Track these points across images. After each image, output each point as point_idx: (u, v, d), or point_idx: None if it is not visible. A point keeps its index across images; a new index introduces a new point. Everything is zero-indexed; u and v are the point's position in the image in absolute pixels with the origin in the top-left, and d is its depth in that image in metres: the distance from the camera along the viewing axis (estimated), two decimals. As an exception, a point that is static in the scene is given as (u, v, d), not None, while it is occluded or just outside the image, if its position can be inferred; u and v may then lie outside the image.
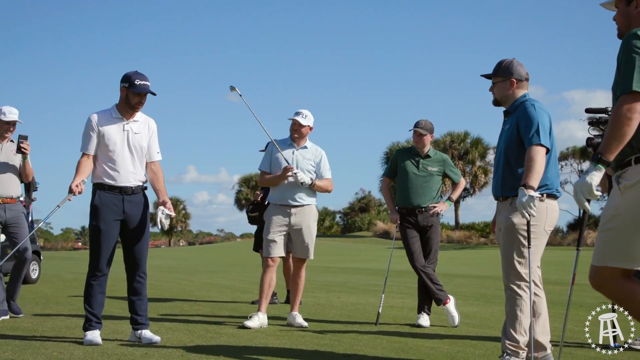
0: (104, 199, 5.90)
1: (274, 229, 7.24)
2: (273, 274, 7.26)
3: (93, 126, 5.93)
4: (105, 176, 5.92)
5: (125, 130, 5.99)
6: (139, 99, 5.93)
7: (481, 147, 57.09)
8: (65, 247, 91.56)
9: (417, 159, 7.47)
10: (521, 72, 4.96)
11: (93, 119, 5.95)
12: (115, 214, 5.91)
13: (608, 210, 3.57)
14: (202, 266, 23.99)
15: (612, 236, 3.47)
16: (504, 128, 5.01)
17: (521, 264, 4.73)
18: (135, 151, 6.03)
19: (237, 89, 7.09)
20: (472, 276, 17.66)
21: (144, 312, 6.05)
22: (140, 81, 5.88)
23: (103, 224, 5.88)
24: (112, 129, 5.95)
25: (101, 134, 5.91)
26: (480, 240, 52.56)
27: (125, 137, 5.98)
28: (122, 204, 5.93)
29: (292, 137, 7.34)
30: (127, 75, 5.93)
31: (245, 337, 6.30)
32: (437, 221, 7.49)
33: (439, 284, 7.35)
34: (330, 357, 5.33)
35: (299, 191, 7.23)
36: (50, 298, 10.27)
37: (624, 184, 3.51)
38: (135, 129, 6.04)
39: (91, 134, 5.93)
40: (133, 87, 5.86)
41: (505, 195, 4.89)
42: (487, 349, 5.79)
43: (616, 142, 3.42)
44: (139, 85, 5.87)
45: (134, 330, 6.01)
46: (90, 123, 5.94)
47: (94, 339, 5.72)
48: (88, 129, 5.95)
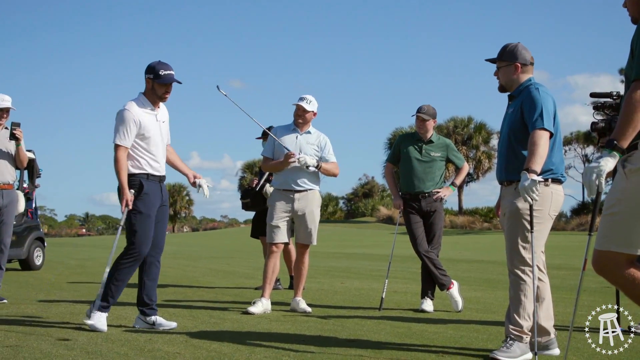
0: (149, 187, 5.92)
1: (278, 215, 7.23)
2: (277, 260, 7.26)
3: (135, 118, 5.84)
4: (148, 167, 5.95)
5: (158, 120, 6.04)
6: (165, 89, 5.93)
7: (485, 132, 56.99)
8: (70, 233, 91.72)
9: (420, 145, 7.45)
10: (526, 56, 4.92)
11: (132, 110, 5.86)
12: (158, 200, 6.02)
13: (613, 194, 3.54)
14: (206, 252, 24.04)
15: (616, 221, 3.45)
16: (507, 112, 4.99)
17: (525, 249, 4.72)
18: (164, 139, 6.13)
19: (221, 90, 7.07)
20: (475, 261, 17.67)
21: (155, 298, 6.10)
22: (165, 71, 5.88)
23: (152, 210, 5.94)
24: (149, 121, 5.95)
25: (141, 125, 5.88)
26: (483, 225, 52.57)
27: (159, 128, 6.04)
28: (161, 192, 6.04)
29: (296, 122, 7.32)
30: (151, 66, 5.91)
31: (249, 323, 6.32)
32: (440, 206, 7.48)
33: (443, 269, 7.35)
34: (334, 342, 5.34)
35: (303, 176, 7.22)
36: (54, 284, 10.31)
37: (629, 167, 3.48)
38: (162, 117, 6.11)
39: (132, 127, 5.83)
40: (158, 78, 5.87)
41: (509, 179, 4.87)
42: (491, 334, 5.79)
43: (631, 129, 3.38)
44: (164, 75, 5.87)
45: (144, 315, 5.99)
46: (130, 114, 5.83)
47: (99, 324, 5.72)
48: (129, 121, 5.82)
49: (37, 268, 13.53)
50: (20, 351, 4.78)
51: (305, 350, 4.94)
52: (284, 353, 4.82)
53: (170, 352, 4.80)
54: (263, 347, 5.03)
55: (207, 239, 48.19)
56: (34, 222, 13.64)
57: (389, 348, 5.11)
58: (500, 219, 5.08)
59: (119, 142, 5.83)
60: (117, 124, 5.86)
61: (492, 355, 4.65)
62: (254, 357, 4.68)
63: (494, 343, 5.31)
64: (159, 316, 6.00)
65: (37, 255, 13.60)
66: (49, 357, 4.61)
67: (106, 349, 4.93)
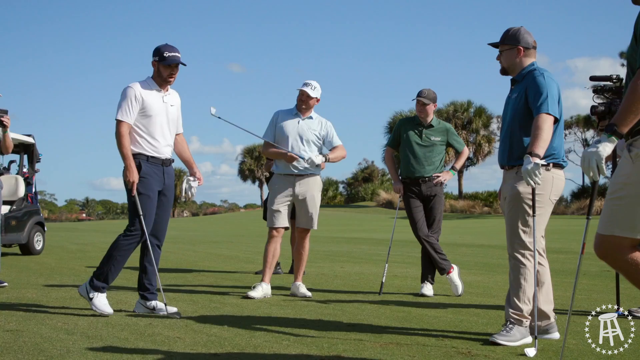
0: (148, 169, 5.89)
1: (279, 199, 7.23)
2: (277, 245, 7.26)
3: (137, 95, 5.83)
4: (148, 147, 5.91)
5: (165, 102, 6.01)
6: (170, 70, 5.92)
7: (485, 116, 56.94)
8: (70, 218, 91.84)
9: (420, 129, 7.43)
10: (528, 40, 4.89)
11: (135, 87, 5.86)
12: (158, 184, 5.97)
13: (618, 178, 3.52)
14: (206, 237, 24.06)
15: (621, 205, 3.42)
16: (510, 96, 4.97)
17: (526, 233, 4.71)
18: (171, 123, 6.08)
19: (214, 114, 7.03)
20: (475, 245, 17.68)
21: (156, 283, 6.09)
22: (170, 53, 5.88)
23: (151, 192, 5.90)
24: (153, 100, 5.92)
25: (144, 104, 5.86)
26: (483, 209, 52.64)
27: (165, 109, 6.00)
28: (163, 175, 6.00)
29: (299, 107, 7.29)
30: (157, 49, 5.94)
31: (249, 307, 6.33)
32: (440, 191, 7.47)
33: (443, 253, 7.36)
34: (334, 326, 5.35)
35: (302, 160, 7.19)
36: (55, 269, 10.32)
37: (635, 152, 3.45)
38: (171, 101, 6.08)
39: (134, 103, 5.82)
40: (163, 60, 5.87)
41: (511, 164, 4.87)
42: (491, 318, 5.80)
43: (632, 115, 3.35)
44: (168, 57, 5.87)
45: (145, 300, 6.00)
46: (132, 91, 5.83)
47: (103, 307, 5.73)
48: (130, 97, 5.82)
49: (37, 253, 13.55)
50: (21, 335, 4.79)
51: (305, 335, 4.95)
52: (284, 337, 4.83)
53: (170, 337, 4.81)
54: (263, 332, 5.04)
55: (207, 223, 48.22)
56: (34, 206, 13.64)
57: (389, 332, 5.12)
58: (501, 203, 5.08)
59: (119, 117, 5.81)
60: (119, 101, 5.87)
61: (492, 339, 4.66)
62: (254, 341, 4.69)
63: (493, 327, 5.32)
64: (158, 301, 6.00)
65: (37, 240, 13.61)
66: (49, 341, 4.62)
67: (106, 333, 4.94)
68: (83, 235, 25.00)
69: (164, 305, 5.90)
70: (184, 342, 4.64)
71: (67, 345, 4.51)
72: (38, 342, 4.60)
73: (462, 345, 4.65)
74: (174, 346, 4.53)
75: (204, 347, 4.53)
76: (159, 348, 4.47)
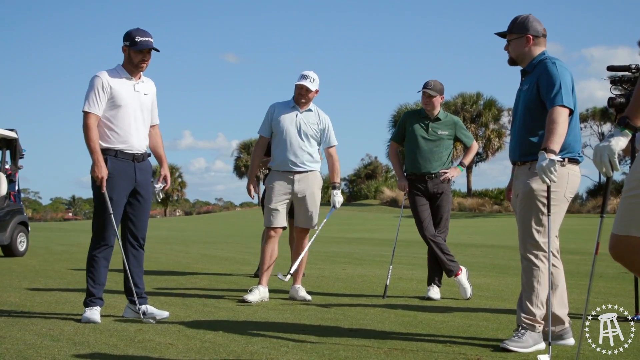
0: (116, 166, 5.76)
1: (277, 198, 7.23)
2: (275, 245, 7.26)
3: (104, 84, 5.74)
4: (118, 141, 5.80)
5: (137, 91, 5.90)
6: (142, 56, 5.82)
7: (495, 109, 56.93)
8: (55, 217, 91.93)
9: (426, 122, 7.42)
10: (537, 28, 4.88)
11: (102, 76, 5.76)
12: (128, 182, 5.85)
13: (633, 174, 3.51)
14: (200, 237, 24.08)
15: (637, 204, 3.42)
16: (521, 88, 4.96)
17: (539, 233, 4.71)
18: (145, 114, 5.98)
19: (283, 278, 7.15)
20: (485, 246, 17.70)
21: (143, 285, 6.06)
22: (141, 37, 5.78)
23: (116, 193, 5.77)
24: (123, 89, 5.81)
25: (112, 93, 5.75)
26: (493, 207, 52.63)
27: (137, 98, 5.89)
28: (134, 172, 5.87)
29: (298, 101, 7.29)
30: (128, 33, 5.83)
31: (245, 312, 6.33)
32: (447, 188, 7.46)
33: (450, 254, 7.36)
34: (336, 332, 5.35)
35: (302, 156, 7.20)
36: (39, 271, 10.32)
37: None
38: (144, 89, 5.98)
39: (101, 93, 5.72)
40: (134, 45, 5.77)
41: (523, 159, 4.86)
42: (501, 323, 5.80)
43: None
44: (140, 42, 5.77)
45: (133, 304, 5.97)
46: (99, 80, 5.74)
47: (92, 316, 5.70)
48: (97, 87, 5.72)
49: (20, 254, 13.54)
50: (3, 342, 4.79)
51: (305, 341, 4.95)
52: (282, 343, 4.83)
53: (162, 343, 4.82)
54: (260, 337, 5.04)
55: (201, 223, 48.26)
56: (17, 205, 13.63)
57: (393, 338, 5.12)
58: (512, 201, 5.07)
59: (86, 109, 5.70)
60: (87, 91, 5.77)
61: (503, 345, 4.66)
62: (250, 347, 4.69)
63: (504, 332, 5.32)
64: (149, 305, 5.99)
65: (20, 240, 13.60)
66: (33, 348, 4.62)
67: (94, 339, 4.94)
68: (69, 235, 25.00)
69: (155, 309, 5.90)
70: (177, 349, 4.64)
71: (53, 353, 4.51)
72: (22, 349, 4.60)
73: (471, 352, 4.65)
74: (166, 353, 4.54)
75: (198, 353, 4.53)
76: (150, 355, 4.48)
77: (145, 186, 5.97)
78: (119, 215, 5.86)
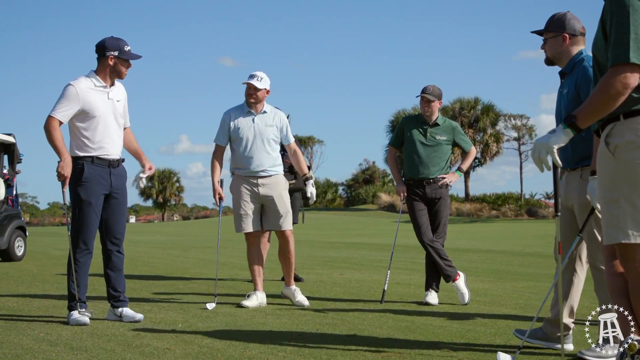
0: (92, 171, 5.90)
1: (244, 203, 7.21)
2: (258, 249, 7.29)
3: (77, 95, 5.83)
4: (94, 148, 5.92)
5: (110, 98, 6.01)
6: (128, 65, 6.00)
7: (493, 113, 57.02)
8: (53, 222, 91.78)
9: (424, 127, 7.43)
10: (575, 26, 4.72)
11: (78, 86, 5.86)
12: (103, 187, 5.98)
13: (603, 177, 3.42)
14: (198, 242, 24.04)
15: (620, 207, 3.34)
16: (561, 91, 4.79)
17: None
18: (118, 120, 6.10)
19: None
20: (483, 251, 17.69)
21: (123, 289, 6.17)
22: (128, 47, 5.97)
23: (94, 197, 5.92)
24: (98, 99, 5.93)
25: (86, 107, 5.86)
26: (491, 213, 52.64)
27: (111, 107, 6.01)
28: (110, 177, 6.00)
29: (248, 102, 7.23)
30: (113, 42, 5.94)
31: (243, 317, 6.33)
32: (446, 193, 7.47)
33: (448, 259, 7.35)
34: (333, 337, 5.35)
35: (264, 161, 7.19)
36: (37, 276, 10.31)
37: (614, 143, 3.36)
38: (116, 96, 6.09)
39: (70, 104, 5.82)
40: (124, 54, 5.91)
41: (572, 166, 4.70)
42: (499, 328, 5.80)
43: (597, 114, 3.27)
44: (129, 52, 5.95)
45: (113, 308, 6.09)
46: (74, 91, 5.84)
47: (81, 318, 5.76)
48: (69, 97, 5.83)
49: (18, 259, 13.54)
50: (1, 347, 4.79)
51: (302, 346, 4.95)
52: (280, 349, 4.83)
53: (159, 348, 4.81)
54: (258, 343, 5.04)
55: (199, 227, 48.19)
56: (14, 210, 13.64)
57: (391, 343, 5.12)
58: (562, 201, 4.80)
59: (52, 114, 5.81)
60: (58, 97, 5.88)
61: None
62: (248, 352, 4.69)
63: (502, 337, 5.32)
64: (127, 308, 6.09)
65: (18, 245, 13.60)
66: (30, 353, 4.62)
67: (91, 344, 4.94)
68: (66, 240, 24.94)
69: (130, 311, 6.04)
70: (174, 354, 4.64)
71: (50, 357, 4.51)
72: (19, 353, 4.60)
73: (469, 357, 4.65)
74: (164, 358, 4.54)
75: (195, 358, 4.53)
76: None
77: (119, 190, 6.13)
78: (98, 219, 6.00)
